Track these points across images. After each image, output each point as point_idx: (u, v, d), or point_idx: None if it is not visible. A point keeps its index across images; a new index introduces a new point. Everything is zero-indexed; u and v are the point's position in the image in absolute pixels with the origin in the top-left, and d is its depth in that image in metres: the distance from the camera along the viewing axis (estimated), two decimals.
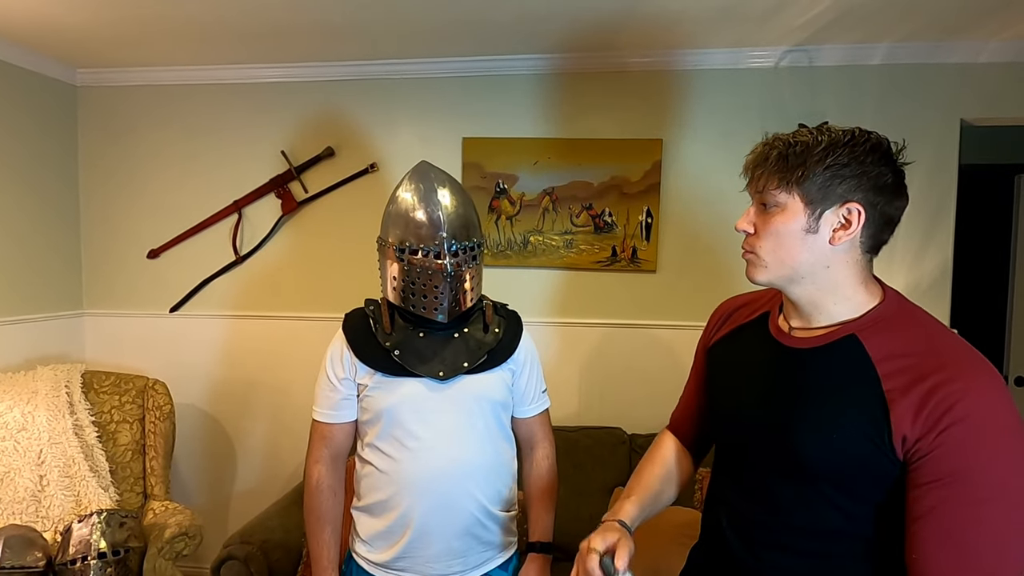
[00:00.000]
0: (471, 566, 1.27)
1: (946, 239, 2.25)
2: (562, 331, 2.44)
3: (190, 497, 2.68)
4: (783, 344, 0.89)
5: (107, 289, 2.69)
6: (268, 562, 1.89)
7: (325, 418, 1.31)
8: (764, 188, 0.84)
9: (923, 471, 0.74)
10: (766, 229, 0.84)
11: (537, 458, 1.38)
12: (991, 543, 0.71)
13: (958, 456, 0.72)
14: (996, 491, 0.71)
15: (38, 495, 2.06)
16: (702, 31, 2.11)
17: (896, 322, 0.83)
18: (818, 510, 0.82)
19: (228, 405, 2.65)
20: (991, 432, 0.72)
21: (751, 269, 0.88)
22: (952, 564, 0.72)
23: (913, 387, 0.75)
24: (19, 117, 2.40)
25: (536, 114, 2.41)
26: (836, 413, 0.80)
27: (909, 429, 0.74)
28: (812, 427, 0.81)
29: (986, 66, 2.18)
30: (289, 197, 2.53)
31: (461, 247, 1.24)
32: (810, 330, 0.87)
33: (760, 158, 0.85)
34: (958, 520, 0.72)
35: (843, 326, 0.84)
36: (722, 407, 0.99)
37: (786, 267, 0.84)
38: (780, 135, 0.87)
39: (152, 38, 2.23)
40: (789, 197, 0.82)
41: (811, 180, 0.81)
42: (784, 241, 0.83)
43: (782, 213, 0.83)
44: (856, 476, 0.79)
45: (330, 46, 2.29)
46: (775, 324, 0.93)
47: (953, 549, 0.72)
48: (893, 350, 0.79)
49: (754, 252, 0.86)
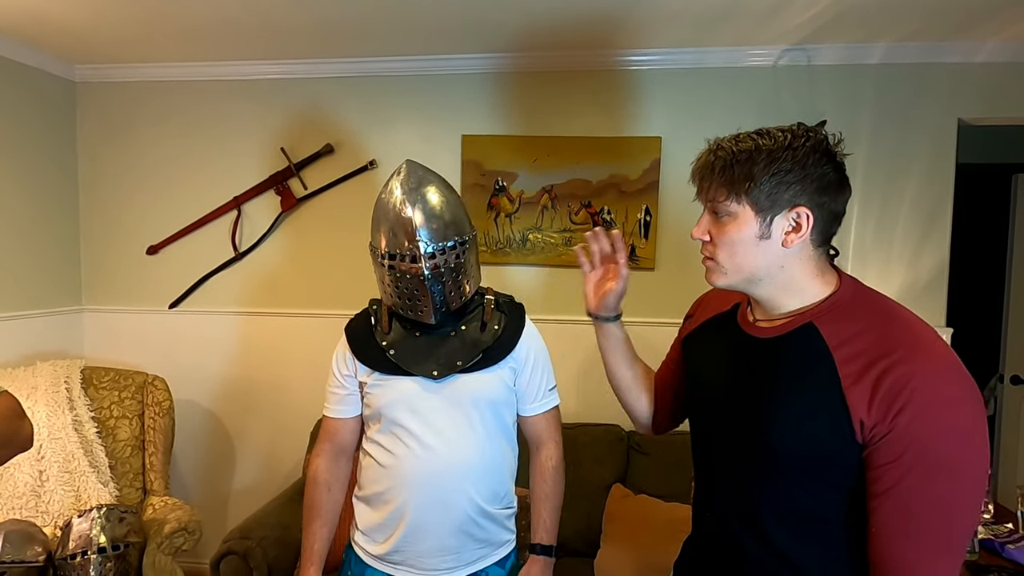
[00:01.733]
0: (465, 562, 1.27)
1: (943, 238, 2.26)
2: (560, 329, 2.44)
3: (189, 493, 2.69)
4: (748, 334, 0.93)
5: (106, 285, 2.69)
6: (267, 558, 1.90)
7: (330, 413, 1.35)
8: (714, 198, 0.86)
9: (880, 452, 0.76)
10: (721, 238, 0.86)
11: (542, 459, 1.37)
12: (942, 515, 0.75)
13: (911, 436, 0.74)
14: (946, 466, 0.75)
15: (38, 490, 2.07)
16: (701, 29, 2.12)
17: (851, 308, 0.85)
18: (792, 497, 0.84)
19: (227, 401, 2.66)
20: (939, 410, 0.75)
21: (711, 274, 0.90)
22: (907, 537, 0.76)
23: (867, 372, 0.77)
24: (18, 113, 2.40)
25: (535, 112, 2.41)
26: (798, 400, 0.82)
27: (865, 414, 0.76)
28: (776, 415, 0.84)
29: (984, 66, 2.19)
30: (288, 194, 2.53)
31: (439, 248, 1.22)
32: (772, 320, 0.90)
33: (706, 168, 0.86)
34: (913, 496, 0.75)
35: (800, 315, 0.87)
36: (696, 398, 1.02)
37: (744, 271, 0.87)
38: (722, 141, 0.88)
39: (151, 34, 2.23)
40: (739, 206, 0.84)
41: (758, 189, 0.82)
42: (739, 248, 0.85)
43: (734, 222, 0.85)
44: (822, 462, 0.81)
45: (330, 43, 2.29)
46: (743, 315, 0.96)
47: (908, 523, 0.76)
48: (848, 336, 0.81)
49: (713, 259, 0.89)
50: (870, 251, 2.29)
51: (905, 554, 0.77)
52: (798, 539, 0.85)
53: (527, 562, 1.33)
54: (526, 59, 2.37)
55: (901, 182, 2.26)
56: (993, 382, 2.96)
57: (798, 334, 0.85)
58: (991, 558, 1.63)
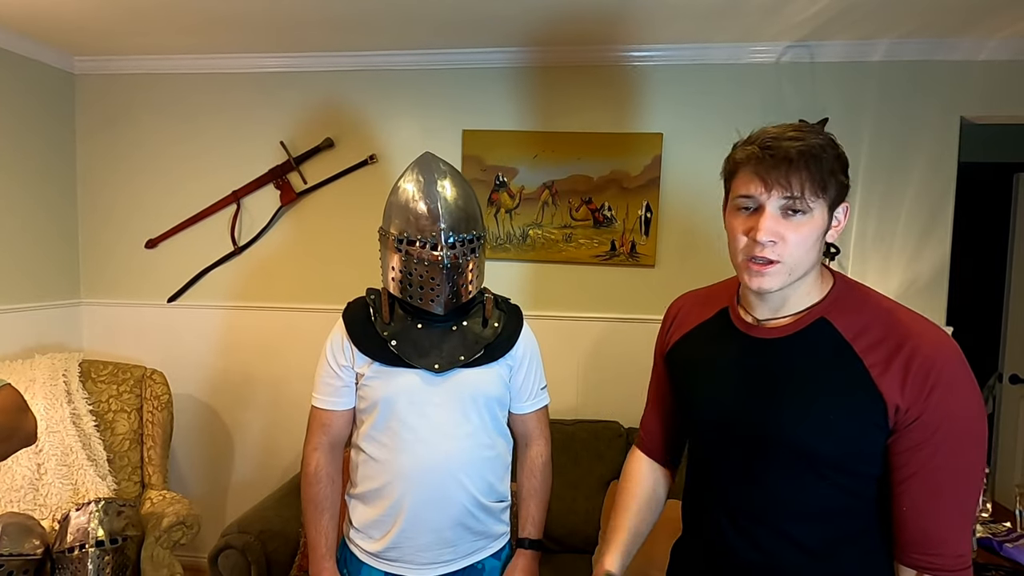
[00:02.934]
0: (461, 555, 1.28)
1: (944, 237, 2.26)
2: (560, 325, 2.45)
3: (187, 487, 2.69)
4: (754, 336, 0.90)
5: (105, 278, 2.69)
6: (265, 552, 1.90)
7: (325, 405, 1.31)
8: (800, 194, 0.79)
9: (912, 434, 0.79)
10: (796, 236, 0.80)
11: (531, 455, 1.38)
12: (967, 486, 0.80)
13: (941, 414, 0.78)
14: (970, 439, 0.79)
15: (36, 483, 2.07)
16: (704, 25, 2.11)
17: (853, 301, 0.86)
18: (823, 493, 0.84)
19: (226, 395, 2.66)
20: (961, 387, 0.79)
21: (766, 279, 0.82)
22: (940, 512, 0.79)
23: (893, 359, 0.80)
24: (16, 105, 2.39)
25: (536, 107, 2.41)
26: (825, 395, 0.82)
27: (900, 398, 0.79)
28: (804, 412, 0.83)
29: (987, 64, 2.18)
30: (288, 188, 2.53)
31: (459, 239, 1.24)
32: (778, 319, 0.88)
33: (791, 162, 0.78)
34: (943, 472, 0.79)
35: (810, 311, 0.86)
36: (702, 408, 0.97)
37: (803, 269, 0.83)
38: (784, 133, 0.82)
39: (150, 26, 2.22)
40: (819, 202, 0.80)
41: (831, 184, 0.81)
42: (811, 247, 0.82)
43: (812, 219, 0.81)
44: (854, 453, 0.82)
45: (331, 36, 2.28)
46: (738, 318, 0.93)
47: (938, 496, 0.79)
48: (861, 327, 0.83)
49: (781, 261, 0.81)
50: (870, 249, 2.29)
51: (938, 528, 0.80)
52: (827, 535, 0.85)
53: (514, 556, 1.34)
54: (528, 54, 2.36)
55: (902, 180, 2.26)
56: (992, 381, 2.96)
57: (813, 329, 0.85)
58: (989, 557, 1.63)
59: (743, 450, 0.90)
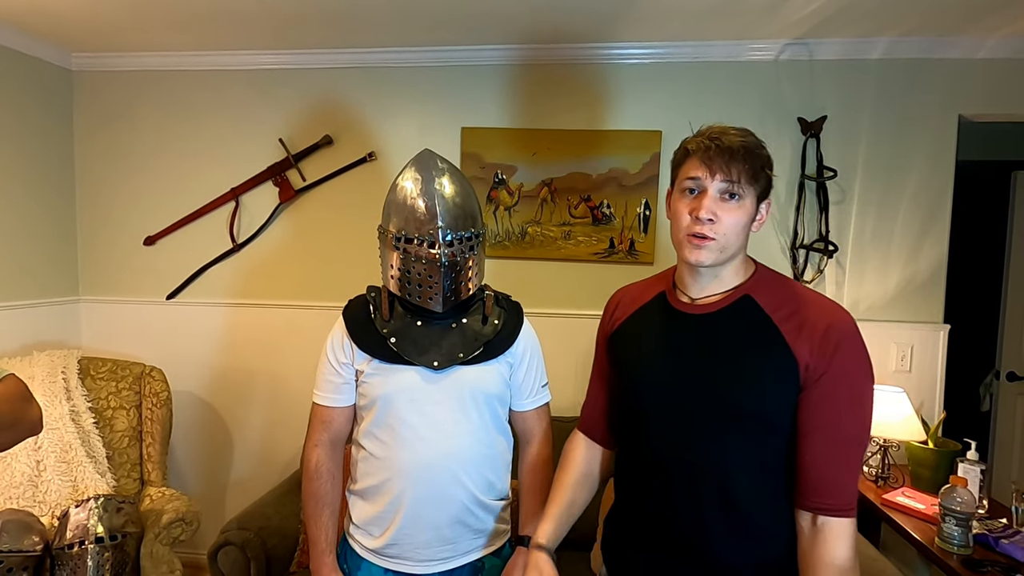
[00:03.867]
0: (461, 552, 1.28)
1: (942, 234, 2.26)
2: (559, 323, 2.45)
3: (187, 484, 2.69)
4: (689, 313, 1.03)
5: (103, 275, 2.69)
6: (265, 548, 1.90)
7: (326, 401, 1.32)
8: (737, 180, 0.94)
9: (817, 389, 0.93)
10: (731, 218, 0.96)
11: (532, 452, 1.38)
12: (859, 436, 0.94)
13: (840, 373, 0.92)
14: (860, 395, 0.94)
15: (35, 480, 2.07)
16: (703, 23, 2.11)
17: (770, 282, 1.02)
18: (749, 451, 0.96)
19: (225, 393, 2.66)
20: (858, 351, 0.94)
21: (703, 253, 0.97)
22: (833, 457, 0.92)
23: (803, 326, 0.95)
24: (14, 101, 2.38)
25: (535, 105, 2.41)
26: (751, 359, 0.96)
27: (809, 358, 0.93)
28: (735, 375, 0.96)
29: (985, 62, 2.19)
30: (287, 185, 2.52)
31: (457, 237, 1.24)
32: (708, 297, 1.02)
33: (733, 153, 0.94)
34: (838, 422, 0.92)
35: (736, 289, 1.01)
36: (640, 380, 1.06)
37: (731, 251, 0.98)
38: (728, 129, 0.97)
39: (148, 22, 2.21)
40: (750, 190, 0.96)
41: (762, 177, 0.97)
42: (739, 229, 0.97)
43: (742, 204, 0.96)
44: (776, 409, 0.95)
45: (330, 33, 2.28)
46: (674, 299, 1.06)
47: (834, 446, 0.93)
48: (778, 303, 0.98)
49: (714, 238, 0.96)
50: (868, 246, 2.29)
51: (833, 475, 0.93)
52: (750, 490, 0.97)
53: (514, 554, 1.34)
54: (527, 51, 2.36)
55: (901, 178, 2.26)
56: (989, 378, 2.97)
57: (739, 304, 1.00)
58: (985, 553, 1.64)
59: (680, 418, 1.00)
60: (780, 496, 0.97)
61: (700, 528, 0.98)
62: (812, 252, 2.29)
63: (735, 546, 0.97)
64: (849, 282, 2.31)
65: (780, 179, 2.31)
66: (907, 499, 1.92)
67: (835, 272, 2.31)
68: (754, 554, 0.97)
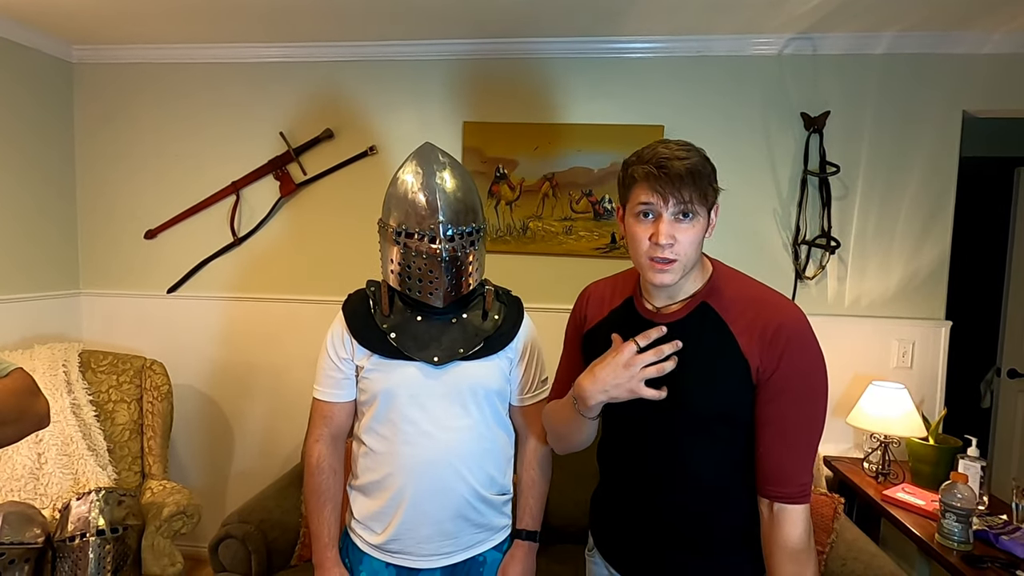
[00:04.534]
0: (463, 546, 1.28)
1: (944, 231, 2.25)
2: (560, 318, 2.43)
3: (187, 477, 2.70)
4: (654, 322, 1.06)
5: (104, 269, 2.68)
6: (266, 541, 1.91)
7: (327, 397, 1.31)
8: (690, 201, 0.97)
9: (768, 388, 0.98)
10: (687, 237, 0.99)
11: (530, 448, 1.38)
12: (807, 429, 0.99)
13: (789, 372, 0.97)
14: (809, 392, 0.98)
15: (36, 473, 2.07)
16: (706, 17, 2.09)
17: (726, 284, 1.06)
18: (715, 448, 1.03)
19: (225, 386, 2.66)
20: (808, 349, 0.98)
21: (667, 275, 1.00)
22: (785, 450, 0.98)
23: (752, 328, 0.99)
24: (14, 94, 2.37)
25: (537, 99, 2.40)
26: (708, 364, 1.01)
27: (759, 360, 0.98)
28: (697, 381, 1.01)
29: (990, 57, 2.17)
30: (288, 179, 2.52)
31: (458, 232, 1.23)
32: (670, 306, 1.07)
33: (681, 177, 0.96)
34: (789, 418, 0.98)
35: (693, 298, 1.05)
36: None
37: (691, 264, 1.02)
38: (671, 152, 0.98)
39: (149, 15, 2.20)
40: (703, 208, 1.00)
41: (710, 192, 0.99)
42: (698, 246, 1.02)
43: (699, 223, 1.00)
44: (733, 407, 1.01)
45: (331, 26, 2.27)
46: (641, 306, 1.11)
47: (786, 439, 0.98)
48: (731, 305, 1.03)
49: (677, 260, 0.99)
50: (871, 242, 2.29)
51: (786, 464, 0.98)
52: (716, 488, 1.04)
53: (512, 547, 1.34)
54: (529, 45, 2.35)
55: (904, 174, 2.25)
56: (990, 375, 2.97)
57: (697, 312, 1.04)
58: (986, 549, 1.64)
59: (651, 418, 1.05)
60: (744, 493, 1.04)
61: (680, 515, 1.06)
62: (814, 248, 2.29)
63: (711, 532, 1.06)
64: (851, 278, 2.31)
65: (783, 175, 2.31)
66: (907, 495, 1.92)
67: (837, 268, 2.31)
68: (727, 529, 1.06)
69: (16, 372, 1.05)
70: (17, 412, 1.02)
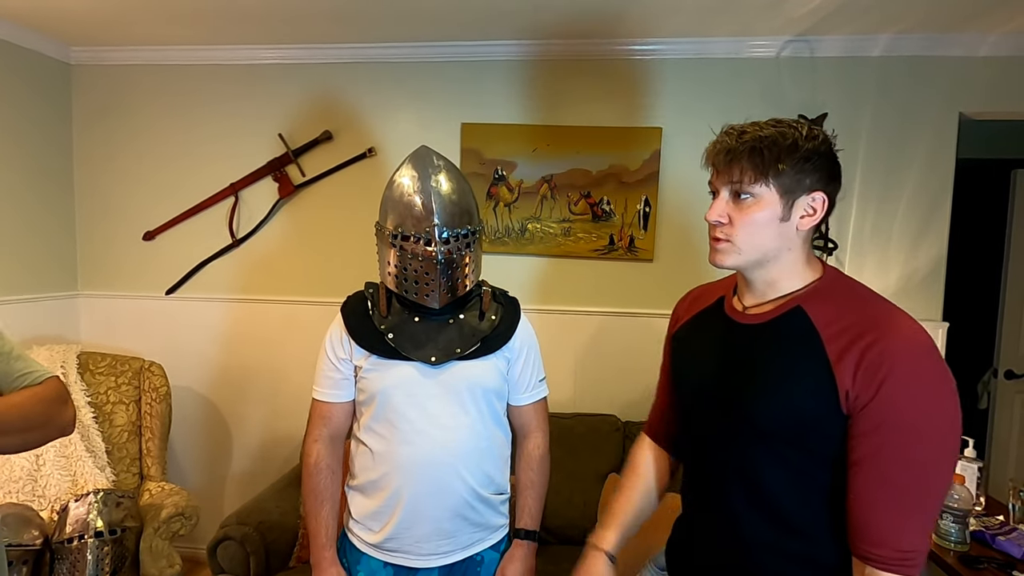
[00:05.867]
0: (461, 546, 1.29)
1: (941, 232, 2.26)
2: (558, 319, 2.45)
3: (186, 479, 2.69)
4: (737, 322, 0.98)
5: (102, 270, 2.68)
6: (264, 543, 1.91)
7: (325, 397, 1.32)
8: (740, 180, 0.89)
9: (862, 421, 0.82)
10: (742, 219, 0.90)
11: (529, 447, 1.39)
12: (913, 479, 0.81)
13: (889, 406, 0.80)
14: (917, 434, 0.80)
15: (34, 474, 2.07)
16: (704, 19, 2.10)
17: (834, 292, 0.92)
18: (791, 474, 0.89)
19: (224, 388, 2.66)
20: (915, 383, 0.80)
21: (721, 256, 0.93)
22: (881, 501, 0.81)
23: (851, 347, 0.83)
24: (13, 96, 2.37)
25: (535, 100, 2.40)
26: (788, 377, 0.88)
27: (851, 384, 0.82)
28: (766, 392, 0.89)
29: (987, 60, 2.18)
30: (286, 181, 2.52)
31: (453, 234, 1.24)
32: (761, 306, 0.96)
33: (732, 152, 0.89)
34: (887, 462, 0.81)
35: (789, 299, 0.93)
36: (689, 390, 1.05)
37: (758, 252, 0.92)
38: (744, 127, 0.92)
39: (147, 17, 2.21)
40: (765, 189, 0.89)
41: (785, 173, 0.88)
42: (759, 229, 0.90)
43: (758, 204, 0.89)
44: (809, 433, 0.87)
45: (329, 28, 2.27)
46: (730, 305, 1.02)
47: (883, 487, 0.81)
48: (832, 317, 0.88)
49: (729, 240, 0.92)
50: (868, 243, 2.30)
51: (879, 520, 0.81)
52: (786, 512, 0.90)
53: (512, 546, 1.35)
54: (527, 47, 2.35)
55: (901, 175, 2.26)
56: (987, 376, 2.98)
57: (788, 317, 0.91)
58: (982, 549, 1.65)
59: (721, 430, 0.96)
60: (836, 531, 0.88)
61: (745, 546, 0.94)
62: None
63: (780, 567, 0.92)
64: None
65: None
66: None
67: None
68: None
69: (50, 381, 1.10)
70: (43, 419, 1.05)
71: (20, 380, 1.07)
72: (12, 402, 1.02)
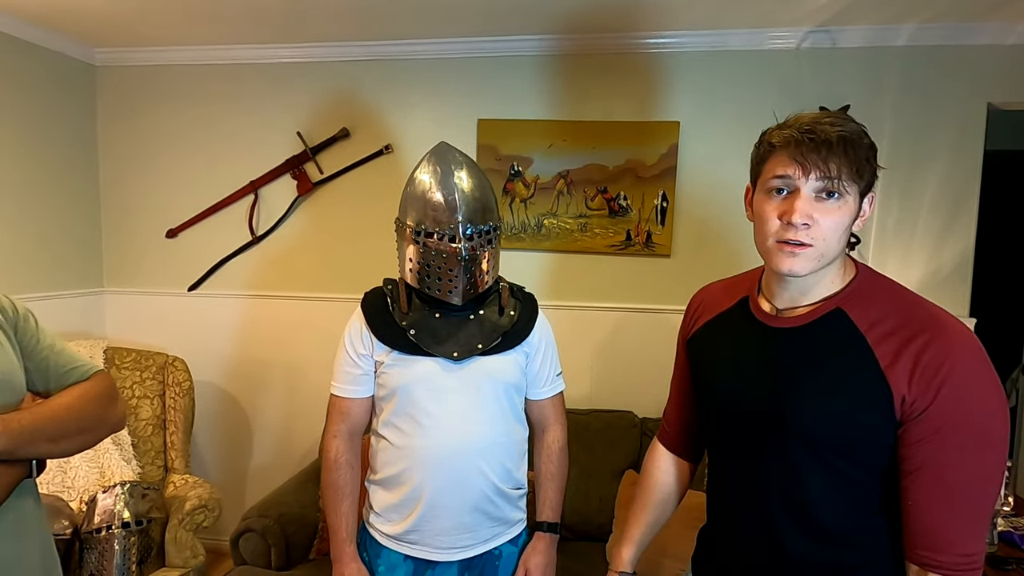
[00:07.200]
0: (480, 540, 1.30)
1: (969, 226, 2.21)
2: (575, 315, 2.45)
3: (208, 471, 2.75)
4: (772, 326, 0.92)
5: (127, 267, 2.74)
6: (284, 535, 1.94)
7: (344, 393, 1.33)
8: (837, 176, 0.80)
9: (920, 426, 0.79)
10: (830, 220, 0.81)
11: (548, 440, 1.40)
12: (974, 483, 0.78)
13: (949, 409, 0.77)
14: (977, 437, 0.77)
15: (64, 466, 2.13)
16: (722, 10, 2.07)
17: (873, 293, 0.87)
18: (826, 481, 0.85)
19: (245, 383, 2.70)
20: (974, 385, 0.78)
21: (802, 262, 0.82)
22: (946, 508, 0.79)
23: (904, 351, 0.79)
24: (39, 97, 2.43)
25: (551, 96, 2.39)
26: (834, 383, 0.83)
27: (907, 390, 0.79)
28: (812, 400, 0.84)
29: (1015, 48, 2.12)
30: (304, 178, 2.54)
31: (476, 231, 1.24)
32: (796, 309, 0.90)
33: (830, 146, 0.79)
34: (950, 468, 0.78)
35: (827, 301, 0.87)
36: (719, 396, 0.98)
37: (831, 256, 0.84)
38: (819, 118, 0.82)
39: (169, 17, 2.24)
40: (853, 187, 0.82)
41: (866, 170, 0.82)
42: (843, 233, 0.83)
43: (845, 203, 0.82)
44: (858, 441, 0.83)
45: (346, 26, 2.28)
46: (757, 307, 0.95)
47: (946, 494, 0.79)
48: (876, 318, 0.83)
49: (811, 244, 0.82)
50: (891, 238, 2.25)
51: (942, 526, 0.79)
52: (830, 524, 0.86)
53: (533, 539, 1.36)
54: (543, 42, 2.34)
55: (926, 168, 2.21)
56: (1016, 374, 2.90)
57: (828, 320, 0.86)
58: (1010, 550, 1.61)
59: (758, 438, 0.91)
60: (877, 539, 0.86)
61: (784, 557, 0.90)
62: None
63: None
64: None
65: None
66: None
67: None
68: None
69: (98, 376, 1.03)
70: (97, 420, 1.00)
71: (68, 375, 1.01)
72: (63, 404, 0.96)
